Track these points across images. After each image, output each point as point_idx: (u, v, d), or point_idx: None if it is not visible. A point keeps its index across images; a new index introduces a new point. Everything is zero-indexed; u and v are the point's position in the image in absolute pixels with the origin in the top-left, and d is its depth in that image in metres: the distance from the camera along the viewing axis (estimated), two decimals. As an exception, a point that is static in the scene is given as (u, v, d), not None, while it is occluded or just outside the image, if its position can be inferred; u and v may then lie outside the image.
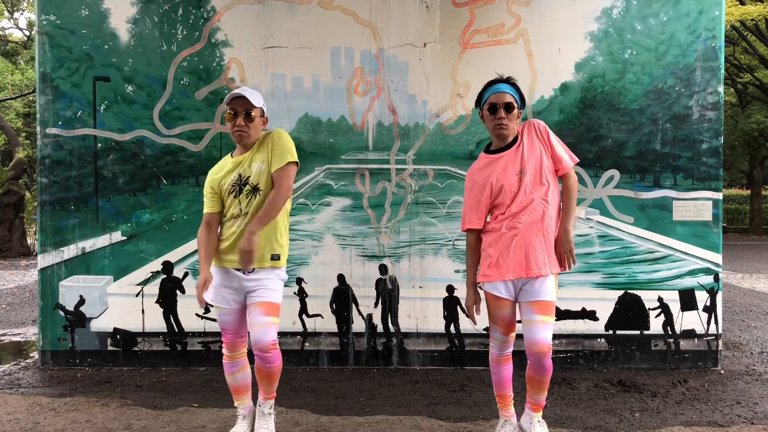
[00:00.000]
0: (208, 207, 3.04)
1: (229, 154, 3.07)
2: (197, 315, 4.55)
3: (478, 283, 2.99)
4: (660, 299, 4.54)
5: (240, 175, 2.93)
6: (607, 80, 4.53)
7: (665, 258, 4.55)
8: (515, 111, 2.86)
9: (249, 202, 2.92)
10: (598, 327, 4.56)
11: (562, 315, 4.50)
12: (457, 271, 4.56)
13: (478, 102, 2.97)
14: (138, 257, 4.54)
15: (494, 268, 2.89)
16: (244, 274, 2.92)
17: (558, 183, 2.95)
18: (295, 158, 2.93)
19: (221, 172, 3.01)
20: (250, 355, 2.98)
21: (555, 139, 2.94)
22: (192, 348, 4.55)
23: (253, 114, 2.90)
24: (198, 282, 2.92)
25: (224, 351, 3.01)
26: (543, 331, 2.82)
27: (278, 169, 2.87)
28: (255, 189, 2.92)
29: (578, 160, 3.04)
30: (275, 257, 2.95)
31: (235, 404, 3.07)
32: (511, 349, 3.04)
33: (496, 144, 2.94)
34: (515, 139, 2.92)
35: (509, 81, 2.92)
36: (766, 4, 14.37)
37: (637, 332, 4.55)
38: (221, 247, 2.97)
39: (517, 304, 2.94)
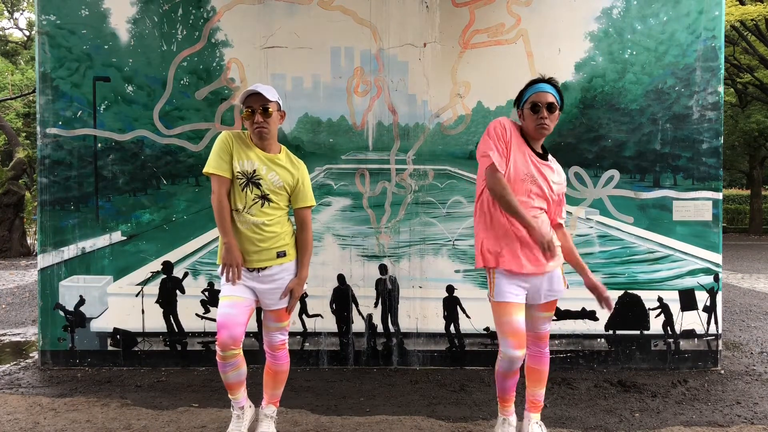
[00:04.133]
0: (221, 169, 2.88)
1: (246, 133, 2.99)
2: (197, 315, 4.55)
3: (492, 268, 2.85)
4: (660, 299, 4.54)
5: (254, 171, 2.91)
6: (607, 80, 4.53)
7: (665, 258, 4.55)
8: (557, 111, 2.86)
9: (254, 205, 2.91)
10: (598, 327, 4.56)
11: (562, 315, 4.50)
12: (457, 271, 4.56)
13: (518, 102, 2.95)
14: (138, 257, 4.54)
15: (515, 257, 2.82)
16: (257, 273, 2.95)
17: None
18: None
19: (243, 149, 2.92)
20: (247, 354, 2.98)
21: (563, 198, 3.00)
22: (192, 348, 4.55)
23: (270, 109, 2.89)
24: (235, 256, 2.86)
25: (217, 350, 2.92)
26: (545, 324, 3.00)
27: (306, 209, 3.06)
28: (265, 197, 2.92)
29: (565, 219, 3.11)
30: (281, 254, 2.97)
31: (230, 397, 3.06)
32: (520, 364, 2.85)
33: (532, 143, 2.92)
34: (546, 152, 2.93)
35: (551, 81, 2.89)
36: (766, 4, 14.37)
37: (637, 332, 4.56)
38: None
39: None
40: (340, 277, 4.57)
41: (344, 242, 4.57)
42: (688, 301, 4.55)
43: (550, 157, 2.96)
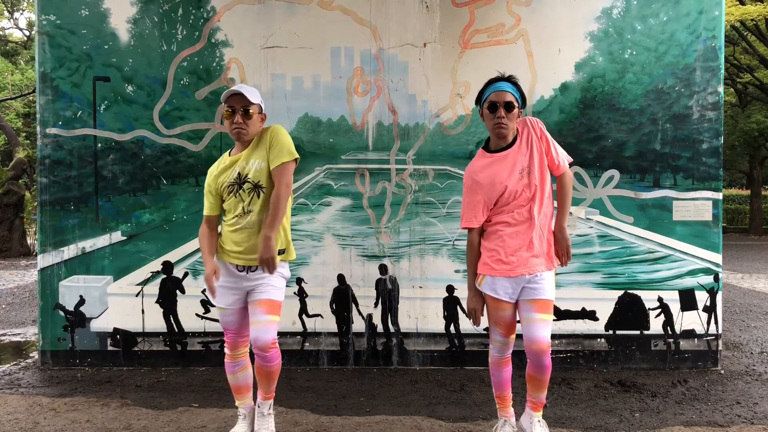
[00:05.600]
0: (208, 209, 3.08)
1: (227, 153, 3.06)
2: (197, 315, 4.55)
3: (478, 275, 2.96)
4: (660, 299, 4.54)
5: (239, 173, 2.93)
6: (607, 80, 4.53)
7: (665, 258, 4.55)
8: (515, 110, 2.83)
9: (252, 200, 2.91)
10: (598, 327, 4.56)
11: (562, 315, 4.50)
12: (457, 271, 4.56)
13: (479, 100, 2.94)
14: (138, 257, 4.54)
15: (496, 264, 2.87)
16: (246, 273, 2.94)
17: (552, 180, 2.95)
18: (295, 155, 2.90)
19: (219, 172, 3.01)
20: (252, 355, 2.99)
21: (551, 137, 2.94)
22: (192, 348, 4.55)
23: (251, 111, 2.89)
24: (207, 274, 2.92)
25: (226, 350, 3.03)
26: (542, 330, 2.83)
27: (277, 167, 2.85)
28: (257, 186, 2.92)
29: (572, 159, 3.05)
30: (281, 252, 2.96)
31: (237, 404, 3.08)
32: (510, 351, 3.02)
33: (496, 143, 2.92)
34: (515, 137, 2.92)
35: (510, 80, 2.88)
36: (766, 4, 14.37)
37: (637, 332, 4.55)
38: (225, 243, 2.97)
39: (517, 303, 2.94)
40: (340, 277, 4.57)
41: (344, 242, 4.57)
42: (688, 301, 4.55)
43: (516, 139, 2.90)
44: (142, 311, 4.54)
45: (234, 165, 2.96)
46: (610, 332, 4.56)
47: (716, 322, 4.55)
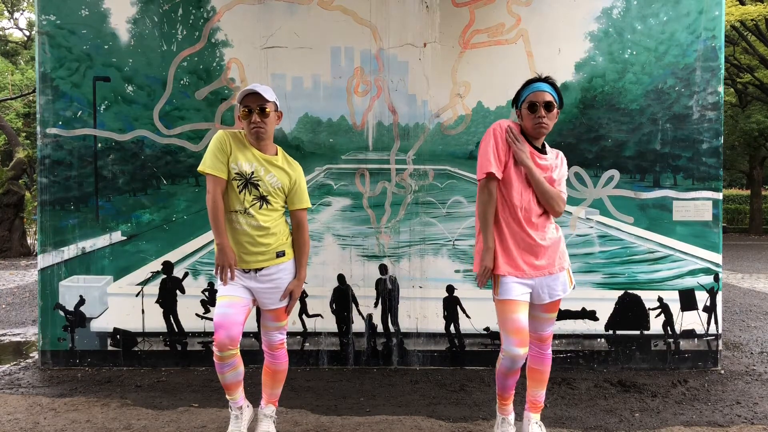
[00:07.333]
0: (217, 170, 2.87)
1: (242, 133, 2.98)
2: (197, 315, 4.55)
3: (497, 275, 2.87)
4: (660, 299, 4.54)
5: (253, 173, 2.91)
6: (607, 80, 4.53)
7: (665, 258, 4.55)
8: (555, 110, 2.88)
9: (253, 206, 2.91)
10: (598, 327, 4.56)
11: (562, 315, 4.50)
12: (457, 271, 4.56)
13: (516, 101, 2.97)
14: (138, 257, 4.54)
15: (513, 262, 2.84)
16: (254, 273, 2.96)
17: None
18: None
19: (240, 149, 2.91)
20: (246, 355, 2.98)
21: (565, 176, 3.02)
22: (192, 348, 4.56)
23: (267, 109, 2.89)
24: (228, 257, 2.85)
25: (215, 350, 2.90)
26: (548, 326, 2.99)
27: (303, 210, 3.08)
28: (264, 198, 2.92)
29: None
30: (280, 254, 2.98)
31: (227, 398, 3.07)
32: (521, 365, 2.85)
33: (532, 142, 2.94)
34: (544, 146, 2.96)
35: (548, 80, 2.91)
36: (766, 4, 14.38)
37: (637, 332, 4.56)
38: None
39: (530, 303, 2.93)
40: (340, 277, 4.57)
41: (344, 242, 4.57)
42: (688, 301, 4.55)
43: (548, 149, 2.98)
44: (142, 311, 4.54)
45: (252, 159, 2.92)
46: (610, 332, 4.56)
47: (716, 322, 4.55)
